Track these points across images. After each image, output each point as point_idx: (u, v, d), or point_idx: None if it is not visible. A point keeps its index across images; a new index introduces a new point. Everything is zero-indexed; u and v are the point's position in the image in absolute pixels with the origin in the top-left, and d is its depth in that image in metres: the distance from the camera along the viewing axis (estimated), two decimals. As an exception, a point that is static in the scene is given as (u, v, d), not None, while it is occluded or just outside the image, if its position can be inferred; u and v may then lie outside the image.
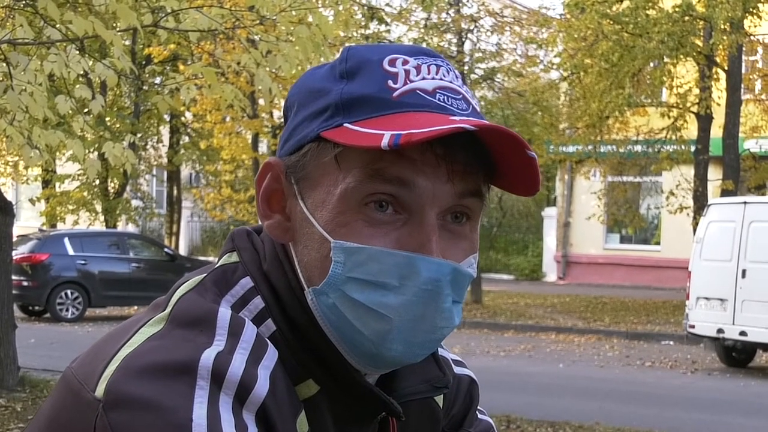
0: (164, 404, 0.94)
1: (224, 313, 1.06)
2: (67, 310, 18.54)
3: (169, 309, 1.07)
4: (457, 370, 1.39)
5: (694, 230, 16.37)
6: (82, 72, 6.78)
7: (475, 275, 1.14)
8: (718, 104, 19.17)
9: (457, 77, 1.13)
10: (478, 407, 1.43)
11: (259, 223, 1.20)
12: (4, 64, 6.20)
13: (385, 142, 1.01)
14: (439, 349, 1.30)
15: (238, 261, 1.15)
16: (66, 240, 19.08)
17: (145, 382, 0.96)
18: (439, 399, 1.31)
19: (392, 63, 1.10)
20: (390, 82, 1.08)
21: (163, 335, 1.03)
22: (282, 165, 1.14)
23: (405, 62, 1.10)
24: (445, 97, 1.09)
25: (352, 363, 1.11)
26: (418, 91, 1.08)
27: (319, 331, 1.10)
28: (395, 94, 1.07)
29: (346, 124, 1.07)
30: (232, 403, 0.97)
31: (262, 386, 1.00)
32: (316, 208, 1.09)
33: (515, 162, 1.08)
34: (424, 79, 1.09)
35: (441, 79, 1.10)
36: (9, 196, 32.83)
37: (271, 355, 1.05)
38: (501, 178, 1.11)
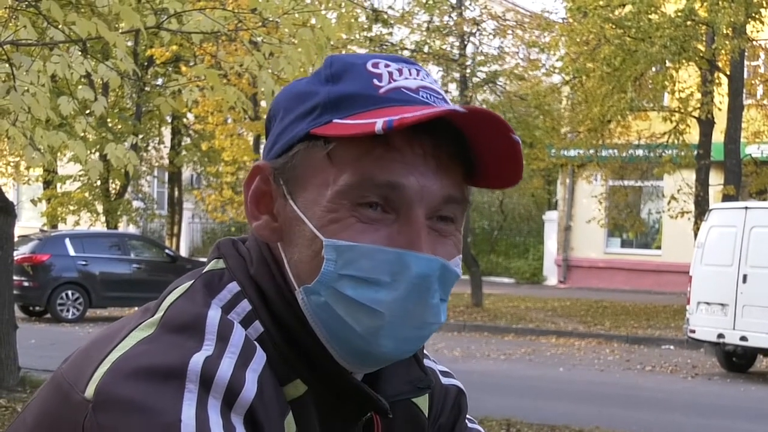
0: (153, 406, 0.96)
1: (213, 317, 1.07)
2: (67, 310, 18.54)
3: (160, 314, 1.08)
4: (444, 380, 1.41)
5: (695, 235, 16.37)
6: (84, 73, 6.79)
7: (461, 274, 1.16)
8: (720, 109, 19.16)
9: (435, 82, 1.17)
10: (468, 416, 1.44)
11: (249, 232, 1.22)
12: (7, 65, 6.20)
13: (378, 127, 1.04)
14: (425, 360, 1.34)
15: (224, 267, 1.17)
16: (67, 241, 19.07)
17: (135, 384, 0.97)
18: (424, 407, 1.32)
19: (375, 65, 1.13)
20: (375, 81, 1.12)
21: (153, 339, 1.04)
22: (269, 168, 1.16)
23: (387, 65, 1.14)
24: (428, 95, 1.13)
25: (341, 362, 1.13)
26: (402, 89, 1.12)
27: (308, 330, 1.12)
28: (381, 90, 1.11)
29: (335, 120, 1.10)
30: (220, 406, 0.99)
31: (249, 389, 1.02)
32: (307, 207, 1.11)
33: (499, 149, 1.11)
34: (407, 79, 1.13)
35: (422, 80, 1.14)
36: (10, 196, 32.82)
37: (259, 358, 1.06)
38: (481, 175, 1.14)
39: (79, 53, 6.65)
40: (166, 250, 21.11)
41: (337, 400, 1.14)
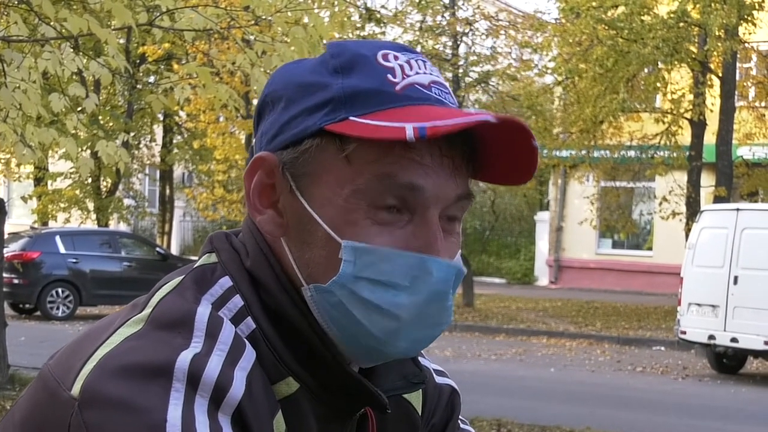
0: (139, 405, 0.95)
1: (203, 313, 1.06)
2: (57, 308, 18.49)
3: (148, 310, 1.07)
4: (438, 380, 1.40)
5: (687, 236, 16.39)
6: (76, 70, 6.76)
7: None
8: (712, 111, 19.20)
9: (439, 73, 1.16)
10: (460, 417, 1.43)
11: (243, 225, 1.20)
12: (-2, 61, 6.17)
13: (410, 134, 1.02)
14: (420, 358, 1.32)
15: (216, 262, 1.15)
16: (57, 238, 19.04)
17: (121, 382, 0.96)
18: (418, 405, 1.31)
19: (385, 58, 1.11)
20: (389, 76, 1.10)
21: (141, 336, 1.03)
22: (275, 159, 1.13)
23: (395, 57, 1.12)
24: (439, 91, 1.12)
25: (346, 355, 1.12)
26: (416, 85, 1.10)
27: (310, 323, 1.10)
28: (398, 87, 1.09)
29: (352, 118, 1.07)
30: (207, 405, 0.98)
31: (238, 388, 1.00)
32: (320, 206, 1.09)
33: (516, 152, 1.10)
34: (417, 73, 1.11)
35: (431, 74, 1.13)
36: (1, 193, 32.76)
37: (249, 356, 1.05)
38: (485, 171, 1.14)
39: (71, 50, 6.63)
40: (157, 248, 21.08)
41: (330, 397, 1.12)
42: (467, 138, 1.09)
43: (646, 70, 19.03)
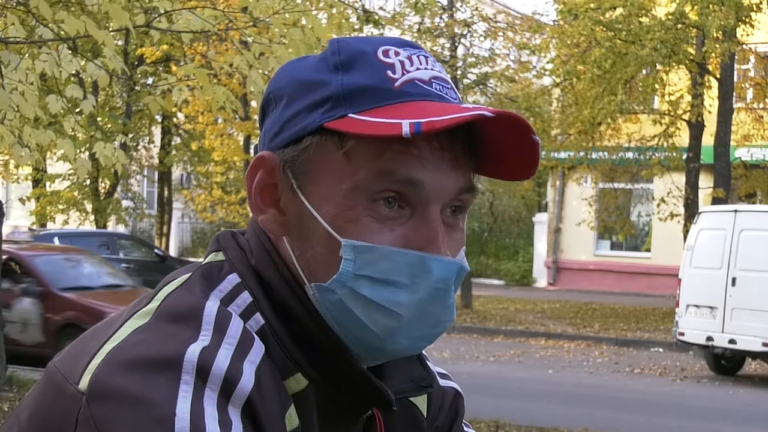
0: (148, 398, 0.94)
1: (211, 307, 1.05)
2: (55, 310, 18.44)
3: (156, 304, 1.06)
4: (442, 382, 1.39)
5: (685, 238, 16.39)
6: (74, 71, 6.76)
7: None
8: (710, 112, 19.21)
9: (442, 68, 1.14)
10: (464, 421, 1.42)
11: (248, 225, 1.19)
12: (-4, 63, 6.17)
13: (406, 130, 1.02)
14: (426, 361, 1.31)
15: (224, 259, 1.15)
16: (56, 239, 19.00)
17: (130, 375, 0.96)
18: (423, 407, 1.31)
19: (386, 54, 1.10)
20: (389, 72, 1.09)
21: (149, 329, 1.02)
22: (276, 158, 1.13)
23: (397, 53, 1.11)
24: (440, 87, 1.11)
25: (351, 351, 1.11)
26: (416, 81, 1.09)
27: (317, 320, 1.10)
28: (397, 84, 1.09)
29: (350, 115, 1.07)
30: (217, 398, 0.97)
31: (247, 381, 1.00)
32: (320, 203, 1.09)
33: (518, 147, 1.10)
34: (418, 69, 1.10)
35: (432, 69, 1.12)
36: (-1, 194, 32.68)
37: (258, 349, 1.04)
38: (489, 165, 1.13)
39: (68, 52, 6.62)
40: (155, 250, 21.07)
41: (339, 395, 1.12)
42: (469, 131, 1.09)
43: (644, 72, 19.02)
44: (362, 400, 1.14)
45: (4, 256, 11.31)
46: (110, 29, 7.39)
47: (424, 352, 1.31)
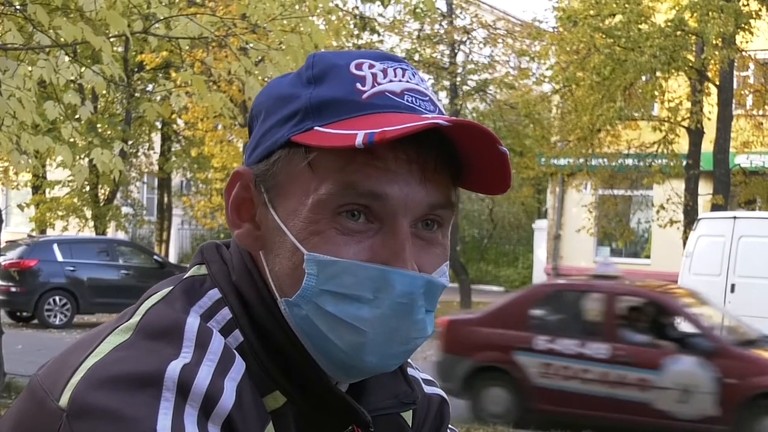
0: (128, 415, 0.93)
1: (192, 323, 1.05)
2: (55, 316, 18.46)
3: (137, 318, 1.06)
4: (427, 389, 1.37)
5: (684, 244, 16.38)
6: (71, 78, 6.77)
7: (448, 285, 1.13)
8: (709, 119, 19.20)
9: (422, 80, 1.12)
10: (450, 426, 1.41)
11: (232, 239, 1.18)
12: (-7, 69, 6.17)
13: (359, 141, 1.00)
14: (409, 368, 1.30)
15: (206, 273, 1.14)
16: (55, 246, 19.01)
17: (110, 392, 0.95)
18: (408, 418, 1.29)
19: (359, 67, 1.09)
20: (358, 85, 1.07)
21: (130, 345, 1.02)
22: (251, 173, 1.12)
23: (371, 66, 1.09)
24: (413, 99, 1.08)
25: (326, 371, 1.10)
26: (386, 93, 1.07)
27: (292, 339, 1.09)
28: (364, 96, 1.07)
29: (316, 127, 1.06)
30: (197, 415, 0.96)
31: (228, 398, 0.99)
32: (287, 217, 1.08)
33: (487, 159, 1.07)
34: (391, 81, 1.08)
35: (408, 82, 1.10)
36: (-1, 201, 32.68)
37: (239, 366, 1.04)
38: (469, 179, 1.11)
39: (66, 58, 6.63)
40: (155, 257, 21.06)
41: (317, 413, 1.11)
42: (442, 144, 1.06)
43: (643, 79, 19.03)
44: (340, 417, 1.12)
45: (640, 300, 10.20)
46: (108, 36, 7.40)
47: (409, 360, 1.29)
